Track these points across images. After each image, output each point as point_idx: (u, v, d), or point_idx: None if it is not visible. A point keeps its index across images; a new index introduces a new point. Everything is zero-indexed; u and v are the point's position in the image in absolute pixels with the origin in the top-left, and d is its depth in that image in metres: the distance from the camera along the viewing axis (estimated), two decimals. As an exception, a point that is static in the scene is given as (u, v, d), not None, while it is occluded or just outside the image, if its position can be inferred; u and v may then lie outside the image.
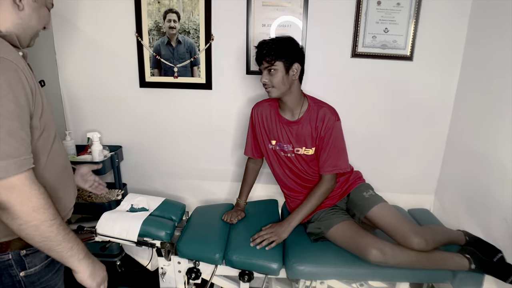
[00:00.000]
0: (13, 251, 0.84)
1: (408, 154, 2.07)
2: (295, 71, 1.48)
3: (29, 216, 0.74)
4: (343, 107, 2.00)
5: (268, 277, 1.52)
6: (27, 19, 0.85)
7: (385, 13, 1.83)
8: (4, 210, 0.72)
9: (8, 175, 0.71)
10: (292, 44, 1.49)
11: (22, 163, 0.73)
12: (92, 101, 2.07)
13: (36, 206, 0.75)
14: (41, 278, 0.90)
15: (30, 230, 0.75)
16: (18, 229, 0.75)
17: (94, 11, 1.91)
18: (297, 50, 1.50)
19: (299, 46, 1.51)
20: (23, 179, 0.73)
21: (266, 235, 1.51)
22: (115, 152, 2.01)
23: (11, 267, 0.85)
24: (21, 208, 0.73)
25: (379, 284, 1.58)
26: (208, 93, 2.01)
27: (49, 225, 0.77)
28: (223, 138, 2.10)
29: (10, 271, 0.85)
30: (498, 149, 1.59)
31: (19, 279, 0.86)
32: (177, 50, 1.94)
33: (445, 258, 1.43)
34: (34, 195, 0.75)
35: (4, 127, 0.70)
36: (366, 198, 1.60)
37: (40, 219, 0.75)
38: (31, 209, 0.74)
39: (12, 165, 0.71)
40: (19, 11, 0.82)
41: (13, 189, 0.72)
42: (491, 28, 1.67)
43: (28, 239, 0.77)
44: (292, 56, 1.46)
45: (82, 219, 2.22)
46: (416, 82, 1.94)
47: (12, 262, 0.84)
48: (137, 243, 1.53)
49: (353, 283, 1.56)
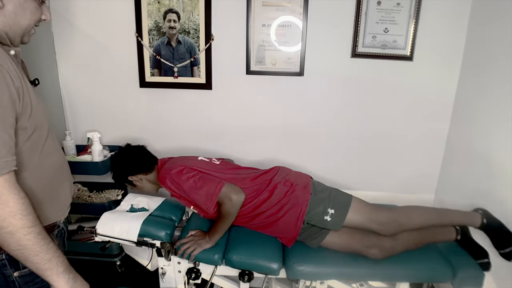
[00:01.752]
0: (6, 252, 0.81)
1: (408, 154, 2.07)
2: (138, 179, 1.57)
3: (5, 222, 0.70)
4: (343, 107, 2.01)
5: (268, 277, 1.52)
6: (12, 16, 0.78)
7: (385, 13, 1.83)
8: None
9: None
10: (117, 171, 1.57)
11: (2, 165, 0.70)
12: (92, 101, 2.07)
13: (13, 211, 0.70)
14: (35, 279, 0.86)
15: (5, 237, 0.71)
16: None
17: (94, 11, 1.91)
18: (124, 171, 1.56)
19: (124, 165, 1.56)
20: (2, 182, 0.70)
21: (187, 244, 1.46)
22: (115, 152, 2.01)
23: (5, 267, 0.83)
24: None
25: (379, 284, 1.58)
26: (208, 93, 2.01)
27: (26, 233, 0.72)
28: (223, 138, 2.10)
29: (4, 271, 0.83)
30: (498, 149, 1.59)
31: (13, 279, 0.84)
32: (177, 50, 1.94)
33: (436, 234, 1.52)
34: (12, 199, 0.71)
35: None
36: (323, 225, 1.51)
37: (17, 226, 0.71)
38: (7, 214, 0.70)
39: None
40: (0, 9, 0.76)
41: None
42: (491, 28, 1.67)
43: (4, 246, 0.72)
44: (124, 180, 1.57)
45: (82, 219, 2.22)
46: (416, 82, 1.94)
47: (5, 262, 0.82)
48: (137, 243, 1.53)
49: (353, 283, 1.55)
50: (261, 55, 1.92)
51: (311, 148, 2.09)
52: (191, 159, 1.62)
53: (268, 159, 2.13)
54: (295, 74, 1.94)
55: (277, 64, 1.93)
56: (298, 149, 2.10)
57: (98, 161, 1.86)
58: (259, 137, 2.09)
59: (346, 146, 2.08)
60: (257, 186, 1.51)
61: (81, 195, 1.98)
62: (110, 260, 1.96)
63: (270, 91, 2.00)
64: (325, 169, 2.12)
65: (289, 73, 1.95)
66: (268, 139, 2.09)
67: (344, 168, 2.12)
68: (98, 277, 1.98)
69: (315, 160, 2.11)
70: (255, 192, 1.50)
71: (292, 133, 2.07)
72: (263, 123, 2.06)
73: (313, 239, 1.50)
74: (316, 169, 2.12)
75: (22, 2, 0.79)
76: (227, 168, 1.61)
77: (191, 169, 1.48)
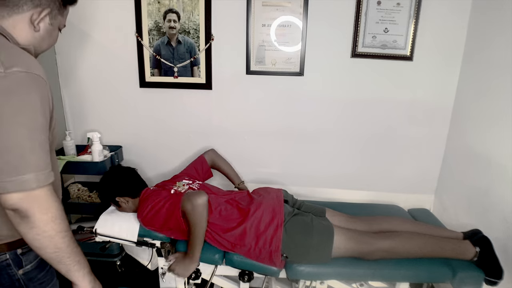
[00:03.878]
0: (10, 251, 0.86)
1: (408, 154, 2.07)
2: (125, 201, 1.56)
3: (47, 226, 0.75)
4: (343, 107, 2.01)
5: (268, 277, 1.52)
6: (40, 40, 0.87)
7: (385, 13, 1.83)
8: (24, 218, 0.74)
9: (37, 187, 0.73)
10: (107, 190, 1.58)
11: (47, 176, 0.76)
12: (92, 101, 2.07)
13: (54, 216, 0.76)
14: (38, 274, 0.92)
15: (45, 240, 0.76)
16: (33, 239, 0.76)
17: (94, 11, 1.91)
18: (115, 191, 1.56)
19: (116, 185, 1.57)
20: (46, 190, 0.76)
21: (175, 272, 1.46)
22: (115, 152, 2.01)
23: (9, 266, 0.86)
24: (40, 217, 0.74)
25: (379, 284, 1.58)
26: (208, 93, 2.01)
27: (63, 236, 0.78)
28: (222, 138, 2.10)
29: (8, 270, 0.86)
30: (498, 149, 1.59)
31: (18, 277, 0.88)
32: (177, 50, 1.94)
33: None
34: (53, 206, 0.77)
35: (38, 140, 0.75)
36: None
37: (56, 230, 0.77)
38: (49, 219, 0.76)
39: (41, 177, 0.74)
40: (34, 31, 0.85)
41: (36, 200, 0.74)
42: (491, 28, 1.67)
43: (41, 248, 0.77)
44: (111, 199, 1.57)
45: (82, 219, 2.22)
46: (416, 82, 1.94)
47: (10, 261, 0.86)
48: (137, 243, 1.53)
49: (353, 283, 1.56)
50: (261, 55, 1.92)
51: (311, 148, 2.09)
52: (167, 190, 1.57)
53: (268, 159, 2.13)
54: (295, 74, 1.95)
55: (277, 64, 1.93)
56: (298, 149, 2.10)
57: (98, 161, 1.86)
58: (259, 137, 2.09)
59: (346, 146, 2.08)
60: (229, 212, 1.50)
61: (81, 195, 1.99)
62: (110, 260, 1.96)
63: (270, 91, 2.00)
64: (325, 168, 2.12)
65: (289, 73, 1.95)
66: (268, 139, 2.09)
67: (344, 167, 2.11)
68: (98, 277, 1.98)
69: (315, 160, 2.11)
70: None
71: (292, 133, 2.07)
72: (263, 123, 2.06)
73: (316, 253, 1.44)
74: (316, 169, 2.12)
75: (51, 31, 0.89)
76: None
77: (155, 203, 1.47)
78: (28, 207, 0.73)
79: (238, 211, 1.50)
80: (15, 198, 0.72)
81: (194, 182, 1.66)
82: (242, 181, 1.86)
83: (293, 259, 1.43)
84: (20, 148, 0.72)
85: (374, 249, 1.42)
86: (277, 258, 1.40)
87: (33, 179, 0.73)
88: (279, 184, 2.02)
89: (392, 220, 1.60)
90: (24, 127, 0.73)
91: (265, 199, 1.54)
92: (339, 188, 2.14)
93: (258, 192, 1.64)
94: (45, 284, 0.94)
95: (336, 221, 1.55)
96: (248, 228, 1.42)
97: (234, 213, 1.49)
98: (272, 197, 1.57)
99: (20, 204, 0.73)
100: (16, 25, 0.82)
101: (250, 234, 1.41)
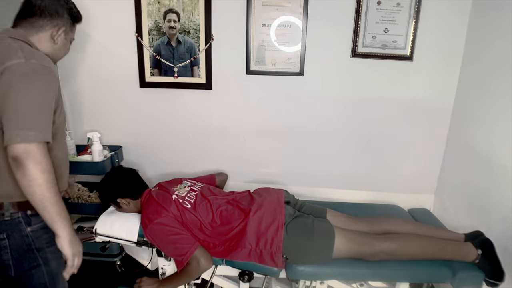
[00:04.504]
0: (22, 211, 1.08)
1: (408, 154, 2.07)
2: (126, 203, 1.56)
3: (37, 175, 0.95)
4: (343, 107, 2.01)
5: (268, 277, 1.52)
6: (57, 50, 1.19)
7: (385, 13, 1.83)
8: (20, 166, 0.94)
9: (35, 141, 0.96)
10: (108, 191, 1.58)
11: (45, 136, 0.99)
12: (92, 101, 2.07)
13: (44, 169, 0.96)
14: (44, 234, 1.11)
15: (35, 187, 0.96)
16: (26, 185, 0.96)
17: (94, 11, 1.91)
18: (116, 192, 1.56)
19: (117, 186, 1.57)
20: (41, 147, 0.97)
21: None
22: (115, 152, 2.01)
23: (21, 223, 1.08)
24: (33, 167, 0.95)
25: (379, 284, 1.58)
26: (208, 93, 2.01)
27: (49, 187, 0.98)
28: (223, 138, 2.10)
29: (20, 227, 1.08)
30: (498, 149, 1.59)
31: (27, 233, 1.09)
32: (177, 50, 1.94)
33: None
34: (44, 161, 0.97)
35: (42, 109, 1.00)
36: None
37: (44, 180, 0.96)
38: (40, 170, 0.95)
39: (39, 135, 0.97)
40: (54, 44, 1.16)
41: (32, 152, 0.95)
42: (491, 28, 1.67)
43: (31, 194, 0.96)
44: (112, 200, 1.58)
45: (82, 219, 2.22)
46: (416, 82, 1.94)
47: (21, 219, 1.08)
48: (137, 243, 1.53)
49: (353, 283, 1.56)
50: (261, 55, 1.92)
51: (311, 148, 2.09)
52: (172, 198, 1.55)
53: (268, 159, 2.13)
54: (295, 74, 1.95)
55: (277, 64, 1.93)
56: (298, 149, 2.10)
57: (98, 161, 1.86)
58: (259, 137, 2.09)
59: (346, 145, 2.08)
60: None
61: (81, 195, 1.98)
62: (110, 260, 1.96)
63: (270, 91, 2.00)
64: (325, 168, 2.12)
65: (289, 73, 1.95)
66: (268, 139, 2.09)
67: (344, 167, 2.11)
68: (98, 277, 1.98)
69: (315, 160, 2.11)
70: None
71: (292, 133, 2.07)
72: (263, 123, 2.06)
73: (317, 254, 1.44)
74: (316, 168, 2.12)
75: (65, 43, 1.22)
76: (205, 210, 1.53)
77: (172, 222, 1.44)
78: (25, 157, 0.94)
79: (238, 211, 1.50)
80: (17, 148, 0.94)
81: (196, 184, 1.66)
82: None
83: (293, 261, 1.43)
84: (28, 111, 0.97)
85: (375, 251, 1.42)
86: (279, 259, 1.40)
87: (33, 135, 0.96)
88: (279, 184, 2.02)
89: (393, 221, 1.60)
90: (33, 98, 0.99)
91: (266, 199, 1.54)
92: (339, 188, 2.14)
93: (259, 193, 1.64)
94: (50, 245, 1.12)
95: (337, 222, 1.55)
96: (249, 228, 1.42)
97: (234, 213, 1.49)
98: (273, 198, 1.57)
99: (20, 154, 0.94)
100: (41, 39, 1.12)
101: (251, 234, 1.41)
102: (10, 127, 0.95)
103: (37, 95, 1.00)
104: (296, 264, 1.43)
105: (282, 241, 1.40)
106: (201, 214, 1.48)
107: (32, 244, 1.10)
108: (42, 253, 1.12)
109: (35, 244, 1.11)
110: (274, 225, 1.43)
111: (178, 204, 1.48)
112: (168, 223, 1.43)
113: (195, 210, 1.49)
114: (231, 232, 1.44)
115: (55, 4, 1.14)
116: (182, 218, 1.46)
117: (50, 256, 1.14)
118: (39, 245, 1.11)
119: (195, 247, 1.40)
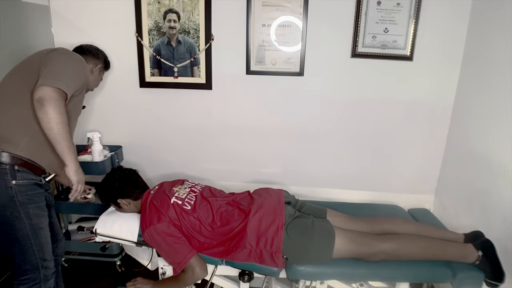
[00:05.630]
0: (10, 164, 1.22)
1: (408, 154, 2.07)
2: (127, 203, 1.57)
3: (55, 115, 1.17)
4: (343, 107, 2.01)
5: (268, 277, 1.52)
6: (92, 80, 1.61)
7: (385, 13, 1.83)
8: (43, 107, 1.16)
9: (59, 87, 1.19)
10: (109, 192, 1.58)
11: (67, 89, 1.22)
12: (92, 101, 2.07)
13: (60, 112, 1.19)
14: (28, 191, 1.27)
15: (53, 124, 1.18)
16: (47, 121, 1.17)
17: (94, 11, 1.91)
18: (117, 193, 1.56)
19: (118, 187, 1.56)
20: (62, 95, 1.21)
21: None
22: (115, 152, 2.01)
23: (6, 174, 1.22)
24: (52, 108, 1.16)
25: (379, 284, 1.58)
26: (208, 93, 2.01)
27: (63, 126, 1.20)
28: (223, 138, 2.10)
29: (5, 177, 1.22)
30: (498, 149, 1.59)
31: (11, 185, 1.22)
32: (177, 50, 1.94)
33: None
34: (61, 105, 1.19)
35: (72, 76, 1.29)
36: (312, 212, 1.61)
37: (60, 120, 1.19)
38: (57, 112, 1.17)
39: (63, 86, 1.21)
40: (91, 75, 1.57)
41: (54, 97, 1.17)
42: (491, 28, 1.67)
43: (50, 129, 1.18)
44: (113, 201, 1.58)
45: (82, 219, 2.22)
46: (416, 82, 1.94)
47: (7, 170, 1.22)
48: (137, 243, 1.53)
49: (353, 283, 1.55)
50: (261, 55, 1.92)
51: (311, 148, 2.09)
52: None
53: (268, 159, 2.13)
54: (295, 74, 1.95)
55: (277, 64, 1.93)
56: (298, 149, 2.10)
57: (98, 161, 1.86)
58: (259, 137, 2.09)
59: (346, 146, 2.08)
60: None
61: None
62: (110, 260, 1.96)
63: (270, 91, 2.00)
64: (325, 168, 2.12)
65: (289, 73, 1.95)
66: (268, 139, 2.09)
67: (344, 167, 2.12)
68: (98, 277, 1.98)
69: (315, 160, 2.11)
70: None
71: (292, 133, 2.07)
72: (263, 123, 2.06)
73: (318, 254, 1.44)
74: (316, 169, 2.12)
75: (98, 78, 1.65)
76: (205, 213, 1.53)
77: (169, 229, 1.44)
78: (48, 99, 1.16)
79: (238, 212, 1.50)
80: (43, 90, 1.16)
81: (197, 185, 1.66)
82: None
83: (293, 261, 1.43)
84: (60, 71, 1.25)
85: (375, 252, 1.42)
86: (279, 259, 1.40)
87: (59, 84, 1.19)
88: (279, 184, 2.02)
89: (393, 221, 1.60)
90: (66, 66, 1.30)
91: (266, 200, 1.54)
92: (339, 188, 2.14)
93: (259, 193, 1.63)
94: (32, 202, 1.28)
95: (337, 222, 1.54)
96: (249, 228, 1.42)
97: (235, 214, 1.49)
98: (273, 198, 1.57)
99: (44, 96, 1.16)
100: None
101: (251, 235, 1.41)
102: (42, 77, 1.19)
103: (71, 66, 1.31)
104: (296, 264, 1.43)
105: (282, 241, 1.40)
106: (201, 215, 1.48)
107: (15, 196, 1.23)
108: (24, 208, 1.25)
109: (17, 197, 1.24)
110: (274, 225, 1.42)
111: (176, 207, 1.48)
112: (165, 229, 1.42)
113: (195, 211, 1.49)
114: (231, 233, 1.44)
115: (97, 50, 1.62)
116: (180, 221, 1.46)
117: (32, 212, 1.28)
118: (22, 199, 1.25)
119: (191, 255, 1.41)
